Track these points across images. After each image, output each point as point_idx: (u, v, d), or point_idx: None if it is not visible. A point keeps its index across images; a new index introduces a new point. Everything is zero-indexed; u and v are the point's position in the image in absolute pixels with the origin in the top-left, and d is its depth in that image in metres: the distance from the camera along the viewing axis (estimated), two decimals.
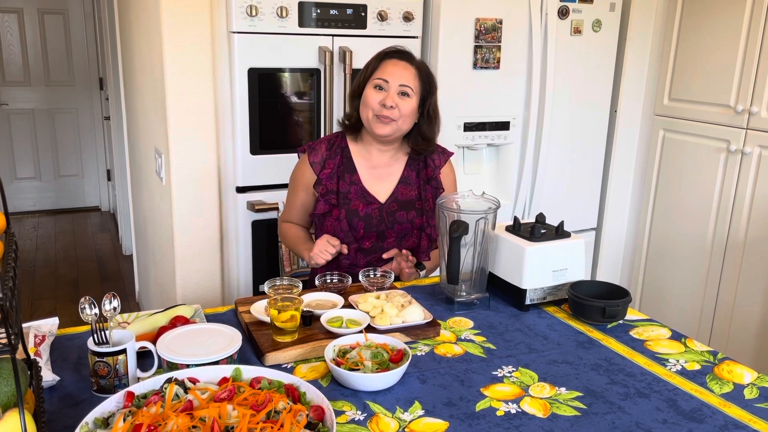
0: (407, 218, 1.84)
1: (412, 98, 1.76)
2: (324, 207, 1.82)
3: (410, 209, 1.85)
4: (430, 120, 1.81)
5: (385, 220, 1.83)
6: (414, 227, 1.86)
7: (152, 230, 2.90)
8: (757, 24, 2.53)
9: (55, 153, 5.64)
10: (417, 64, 1.79)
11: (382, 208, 1.83)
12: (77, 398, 1.19)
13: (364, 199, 1.82)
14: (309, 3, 2.36)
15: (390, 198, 1.84)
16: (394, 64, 1.76)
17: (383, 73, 1.75)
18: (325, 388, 1.24)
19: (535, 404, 1.20)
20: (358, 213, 1.81)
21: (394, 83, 1.74)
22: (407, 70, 1.76)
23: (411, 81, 1.75)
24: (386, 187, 1.85)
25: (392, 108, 1.73)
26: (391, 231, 1.83)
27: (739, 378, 1.31)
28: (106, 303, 1.24)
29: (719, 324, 2.78)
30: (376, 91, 1.75)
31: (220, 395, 1.05)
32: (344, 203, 1.81)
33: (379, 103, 1.73)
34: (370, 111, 1.75)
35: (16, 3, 5.20)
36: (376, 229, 1.82)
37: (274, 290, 1.54)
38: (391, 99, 1.72)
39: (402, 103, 1.74)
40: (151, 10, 2.34)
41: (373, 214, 1.82)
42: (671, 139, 2.94)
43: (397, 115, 1.74)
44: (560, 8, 2.70)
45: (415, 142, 1.83)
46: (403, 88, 1.74)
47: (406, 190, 1.86)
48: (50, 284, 4.19)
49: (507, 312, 1.61)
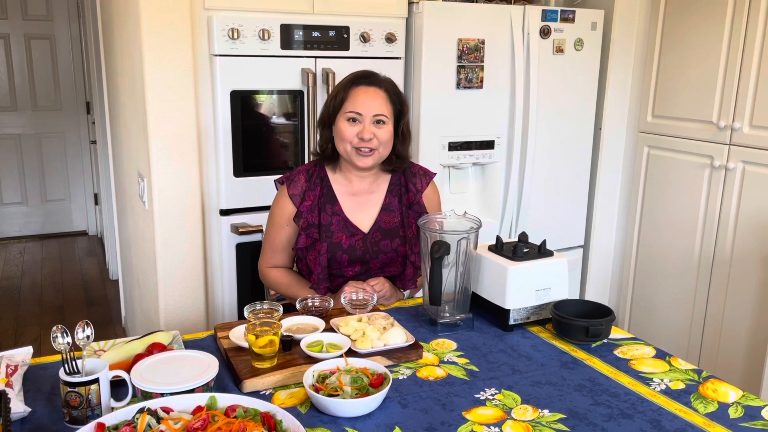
0: (391, 247, 1.81)
1: (388, 124, 1.73)
2: (306, 241, 1.78)
3: (394, 237, 1.82)
4: (404, 138, 1.80)
5: (369, 250, 1.79)
6: (398, 255, 1.83)
7: (136, 254, 2.87)
8: (737, 40, 2.55)
9: (42, 177, 5.61)
10: (386, 86, 1.75)
11: (366, 239, 1.79)
12: (49, 430, 1.16)
13: (347, 230, 1.78)
14: (291, 25, 2.36)
15: (373, 227, 1.80)
16: (364, 92, 1.71)
17: (354, 105, 1.70)
18: (304, 415, 1.21)
19: (518, 427, 1.18)
20: (341, 246, 1.77)
21: (368, 114, 1.69)
22: (378, 97, 1.71)
23: (384, 108, 1.71)
24: (369, 216, 1.81)
25: (371, 139, 1.69)
26: (376, 261, 1.80)
27: (723, 397, 1.29)
28: (79, 331, 1.22)
29: (708, 339, 2.77)
30: (351, 124, 1.71)
31: (193, 425, 1.03)
32: (326, 236, 1.76)
33: (357, 136, 1.69)
34: (348, 144, 1.71)
35: (3, 29, 5.20)
36: (361, 260, 1.79)
37: (254, 314, 1.52)
38: (368, 131, 1.69)
39: (379, 131, 1.70)
40: (132, 34, 2.33)
41: (357, 246, 1.78)
42: (656, 156, 2.95)
43: (376, 144, 1.71)
44: (542, 28, 2.72)
45: (389, 161, 1.80)
46: (378, 117, 1.71)
47: (389, 217, 1.82)
48: (35, 311, 4.13)
49: (491, 332, 1.59)
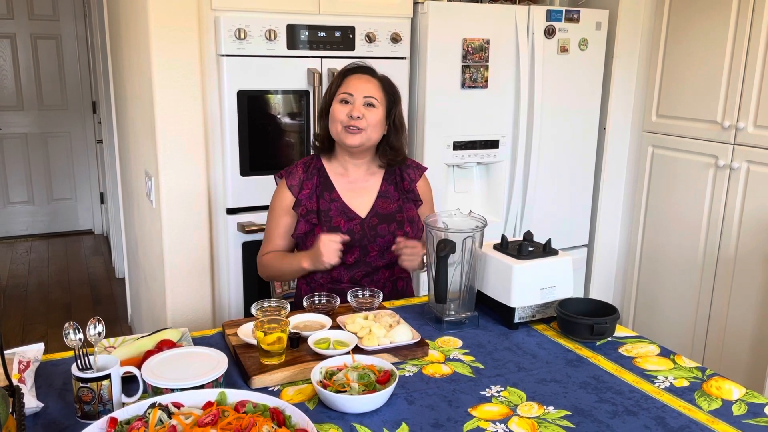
0: (389, 231, 1.85)
1: (378, 108, 1.80)
2: (305, 226, 1.84)
3: (391, 222, 1.86)
4: (397, 130, 1.87)
5: (367, 234, 1.84)
6: (396, 240, 1.87)
7: (143, 253, 2.89)
8: (741, 40, 2.56)
9: (48, 177, 5.64)
10: (379, 77, 1.85)
11: (364, 223, 1.84)
12: (61, 425, 1.17)
13: (344, 215, 1.84)
14: (297, 26, 2.38)
15: (370, 212, 1.86)
16: (357, 78, 1.81)
17: (347, 88, 1.80)
18: (312, 410, 1.23)
19: (523, 424, 1.19)
20: (340, 230, 1.82)
21: (358, 95, 1.78)
22: (370, 83, 1.81)
23: (375, 92, 1.80)
24: (365, 202, 1.87)
25: (359, 118, 1.77)
26: (374, 245, 1.84)
27: (727, 394, 1.30)
28: (91, 328, 1.24)
29: (712, 337, 2.77)
30: (342, 105, 1.79)
31: (204, 420, 1.04)
32: (325, 221, 1.82)
33: (347, 115, 1.77)
34: (338, 124, 1.79)
35: (9, 28, 5.23)
36: (359, 245, 1.83)
37: (262, 312, 1.53)
38: (357, 110, 1.77)
39: (368, 113, 1.78)
40: (140, 34, 2.35)
41: (355, 230, 1.83)
42: (660, 155, 2.96)
43: (364, 124, 1.78)
44: (546, 28, 2.73)
45: (383, 153, 1.87)
46: (368, 99, 1.79)
47: (386, 203, 1.88)
48: (42, 309, 4.16)
49: (496, 330, 1.61)
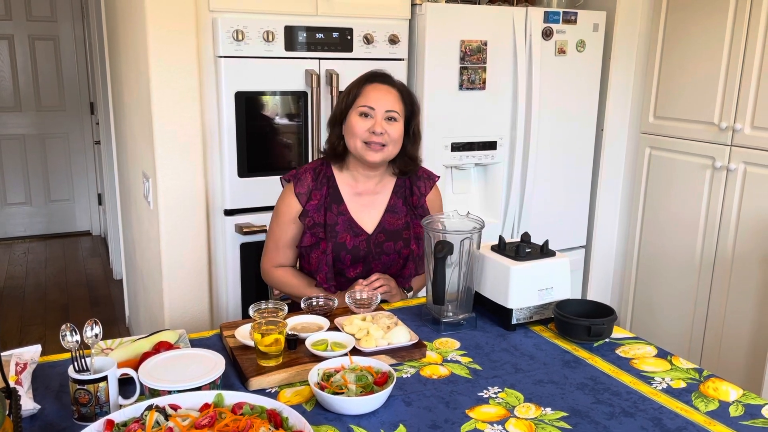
0: (394, 249, 1.82)
1: (399, 122, 1.75)
2: (311, 239, 1.79)
3: (398, 239, 1.83)
4: (414, 140, 1.82)
5: (373, 251, 1.81)
6: (401, 257, 1.84)
7: (140, 254, 2.89)
8: (739, 42, 2.57)
9: (46, 178, 5.63)
10: (398, 86, 1.79)
11: (370, 240, 1.81)
12: (58, 427, 1.17)
13: (351, 230, 1.79)
14: (295, 27, 2.38)
15: (377, 228, 1.82)
16: (377, 88, 1.75)
17: (367, 100, 1.73)
18: (309, 412, 1.23)
19: (521, 425, 1.19)
20: (345, 246, 1.78)
21: (380, 109, 1.72)
22: (390, 94, 1.75)
23: (396, 105, 1.74)
24: (373, 217, 1.83)
25: (382, 134, 1.71)
26: (378, 262, 1.82)
27: (724, 395, 1.30)
28: (88, 330, 1.24)
29: (709, 338, 2.78)
30: (363, 119, 1.73)
31: (201, 422, 1.04)
32: (331, 236, 1.78)
33: (368, 130, 1.72)
34: (358, 140, 1.73)
35: (7, 29, 5.23)
36: (363, 260, 1.80)
37: (260, 314, 1.53)
38: (379, 125, 1.71)
39: (390, 128, 1.73)
40: (138, 35, 2.35)
41: (361, 246, 1.79)
42: (657, 157, 2.96)
43: (386, 140, 1.73)
44: (544, 29, 2.74)
45: (402, 163, 1.82)
46: (390, 114, 1.73)
47: (393, 219, 1.84)
48: (40, 310, 4.15)
49: (494, 332, 1.61)
